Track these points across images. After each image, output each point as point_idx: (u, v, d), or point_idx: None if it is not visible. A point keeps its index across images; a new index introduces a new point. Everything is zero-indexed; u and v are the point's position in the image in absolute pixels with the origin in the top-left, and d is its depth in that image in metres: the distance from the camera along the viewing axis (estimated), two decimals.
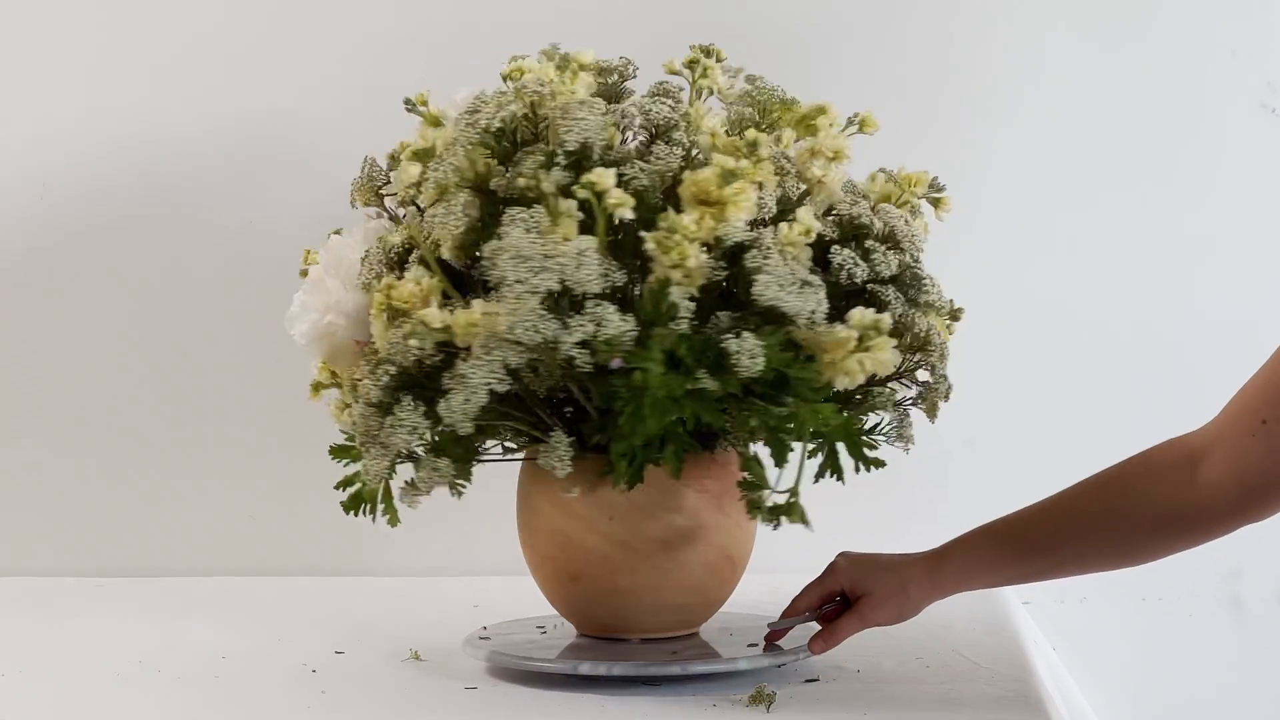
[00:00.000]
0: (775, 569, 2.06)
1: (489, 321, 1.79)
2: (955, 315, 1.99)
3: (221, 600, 2.38)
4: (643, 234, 1.80)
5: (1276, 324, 2.41)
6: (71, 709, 1.89)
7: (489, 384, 1.79)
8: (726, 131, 1.92)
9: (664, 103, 1.91)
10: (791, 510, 1.81)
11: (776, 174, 1.88)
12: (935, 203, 1.98)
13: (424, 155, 1.90)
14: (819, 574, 1.94)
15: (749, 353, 1.77)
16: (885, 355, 1.78)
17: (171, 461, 2.55)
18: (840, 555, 1.94)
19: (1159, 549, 1.82)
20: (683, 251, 1.78)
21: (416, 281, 1.85)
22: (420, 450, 1.88)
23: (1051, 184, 2.49)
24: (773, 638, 1.95)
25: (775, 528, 1.82)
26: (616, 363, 1.78)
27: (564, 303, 1.80)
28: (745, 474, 1.83)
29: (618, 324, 1.78)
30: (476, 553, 2.51)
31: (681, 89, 1.97)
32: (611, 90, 1.97)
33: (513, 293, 1.78)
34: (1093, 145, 2.48)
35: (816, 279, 1.82)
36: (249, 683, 1.97)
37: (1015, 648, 2.08)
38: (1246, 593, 2.49)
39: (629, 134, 1.93)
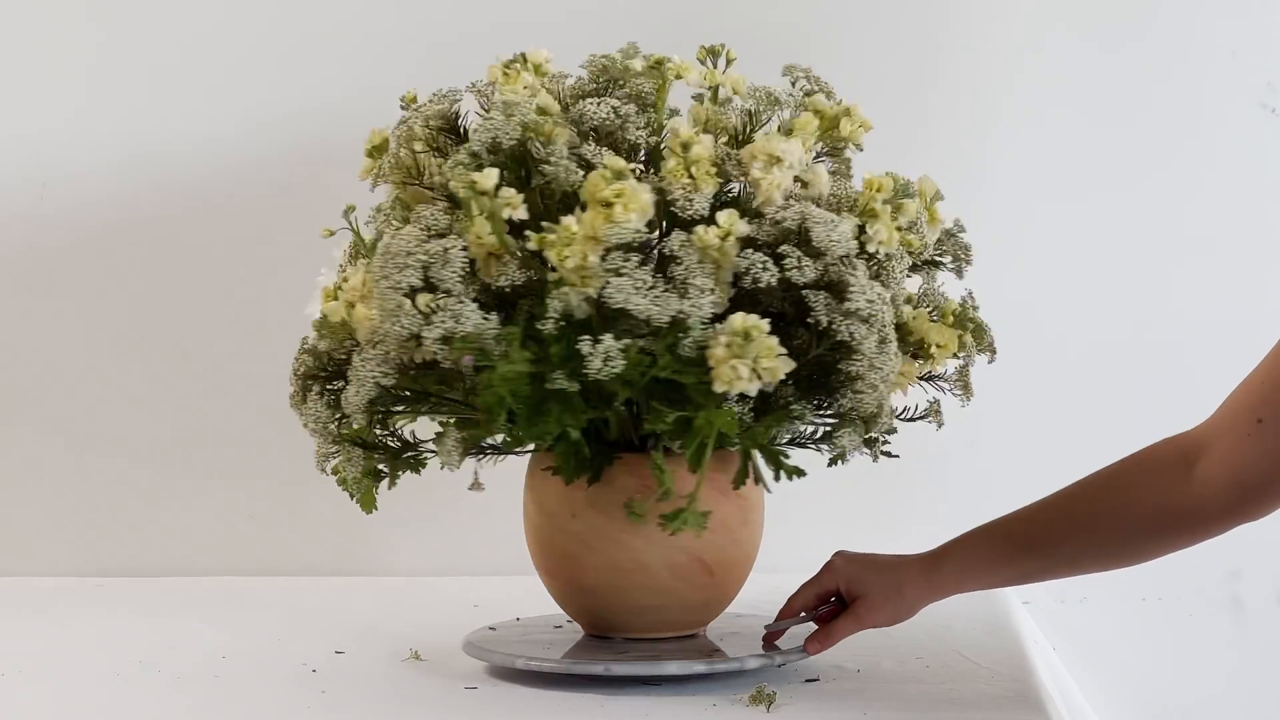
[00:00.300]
0: (775, 569, 2.06)
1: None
2: (963, 322, 1.95)
3: (221, 600, 2.38)
4: (527, 233, 1.79)
5: (1274, 324, 2.41)
6: (71, 709, 1.89)
7: (375, 377, 1.82)
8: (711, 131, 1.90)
9: (609, 104, 1.89)
10: (678, 516, 1.81)
11: (719, 176, 1.84)
12: (897, 208, 1.89)
13: (376, 152, 1.93)
14: (815, 573, 1.94)
15: (603, 355, 1.75)
16: (772, 363, 1.75)
17: (171, 461, 2.55)
18: (836, 554, 1.94)
19: (1156, 548, 1.81)
20: (559, 251, 1.77)
21: (357, 273, 1.87)
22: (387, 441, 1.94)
23: (1051, 184, 2.49)
24: (770, 638, 1.95)
25: (673, 533, 1.82)
26: (467, 360, 1.77)
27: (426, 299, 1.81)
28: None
29: (476, 321, 1.78)
30: (476, 553, 2.51)
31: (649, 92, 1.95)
32: (598, 90, 1.94)
33: (378, 289, 1.79)
34: (1092, 145, 2.48)
35: (706, 283, 1.78)
36: (249, 683, 1.97)
37: (1015, 648, 2.08)
38: (1246, 593, 2.49)
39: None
